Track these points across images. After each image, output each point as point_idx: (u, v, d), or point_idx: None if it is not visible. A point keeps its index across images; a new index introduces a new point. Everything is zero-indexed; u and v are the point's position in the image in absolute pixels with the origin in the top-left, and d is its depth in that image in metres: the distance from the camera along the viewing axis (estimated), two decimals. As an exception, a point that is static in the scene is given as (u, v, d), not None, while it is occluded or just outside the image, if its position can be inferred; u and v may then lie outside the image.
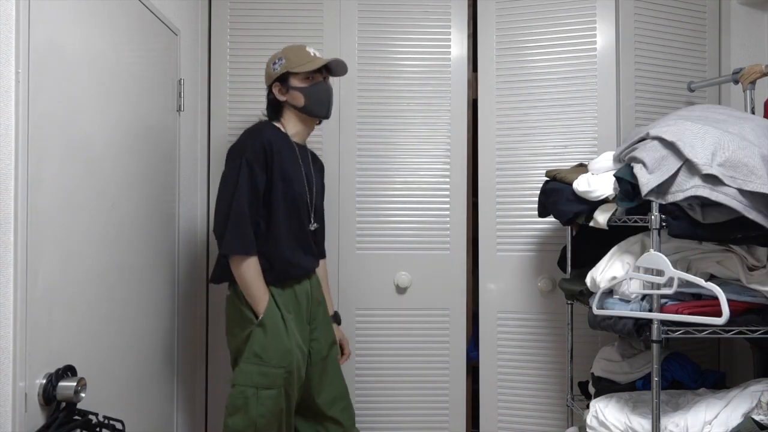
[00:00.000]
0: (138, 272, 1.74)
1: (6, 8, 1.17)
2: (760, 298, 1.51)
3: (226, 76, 2.32)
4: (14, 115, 1.17)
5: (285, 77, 1.86)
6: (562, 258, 2.09)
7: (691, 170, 1.42)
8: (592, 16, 2.26)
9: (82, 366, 1.35)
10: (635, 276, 1.55)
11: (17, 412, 1.17)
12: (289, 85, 1.86)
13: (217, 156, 2.31)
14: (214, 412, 2.29)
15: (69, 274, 1.36)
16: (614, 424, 1.65)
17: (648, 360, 1.83)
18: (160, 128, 1.91)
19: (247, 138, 1.80)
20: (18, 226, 1.18)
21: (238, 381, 1.75)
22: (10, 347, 1.16)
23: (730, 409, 1.53)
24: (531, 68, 2.30)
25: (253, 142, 1.77)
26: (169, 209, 1.99)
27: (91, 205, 1.46)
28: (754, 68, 1.97)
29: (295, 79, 1.86)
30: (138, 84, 1.74)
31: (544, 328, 2.29)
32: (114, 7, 1.58)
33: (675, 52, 2.30)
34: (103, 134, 1.52)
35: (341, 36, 2.33)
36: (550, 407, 2.27)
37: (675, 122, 1.52)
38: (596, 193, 1.71)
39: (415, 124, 2.32)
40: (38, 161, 1.24)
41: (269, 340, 1.74)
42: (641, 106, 2.25)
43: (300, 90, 1.86)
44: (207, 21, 2.32)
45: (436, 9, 2.34)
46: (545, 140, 2.28)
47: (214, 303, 2.31)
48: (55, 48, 1.31)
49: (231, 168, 1.76)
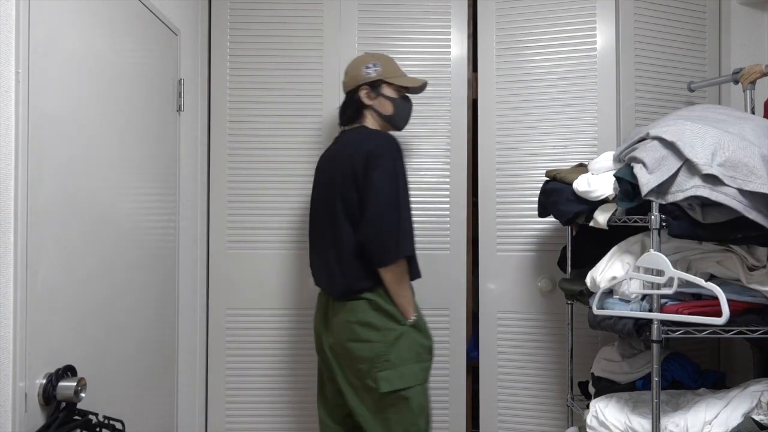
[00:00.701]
0: (138, 272, 1.74)
1: (6, 8, 1.17)
2: (760, 298, 1.51)
3: (226, 76, 2.32)
4: (14, 115, 1.17)
5: (377, 84, 1.91)
6: (562, 258, 2.09)
7: (691, 170, 1.42)
8: (592, 16, 2.26)
9: (82, 366, 1.35)
10: (635, 276, 1.54)
11: (17, 412, 1.17)
12: (380, 92, 1.92)
13: (218, 156, 2.32)
14: (214, 412, 2.30)
15: (69, 274, 1.36)
16: (614, 424, 1.65)
17: (648, 360, 1.83)
18: (160, 128, 1.91)
19: (385, 139, 1.80)
20: (18, 226, 1.18)
21: (410, 383, 1.74)
22: (10, 347, 1.16)
23: (730, 409, 1.53)
24: (531, 68, 2.30)
25: (393, 142, 1.79)
26: (170, 209, 1.99)
27: (91, 205, 1.46)
28: (754, 68, 1.97)
29: (388, 89, 1.93)
30: (138, 84, 1.74)
31: (544, 328, 2.29)
32: (114, 7, 1.58)
33: (675, 52, 2.30)
34: (103, 134, 1.52)
35: (341, 36, 2.33)
36: (550, 407, 2.26)
37: (675, 122, 1.52)
38: (596, 193, 1.71)
39: (414, 124, 2.31)
40: (38, 161, 1.24)
41: (423, 337, 1.81)
42: (641, 106, 2.25)
43: (391, 100, 1.93)
44: (207, 21, 2.32)
45: (436, 9, 2.34)
46: (545, 140, 2.28)
47: (215, 302, 2.31)
48: (55, 48, 1.31)
49: (387, 169, 1.73)
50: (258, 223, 2.32)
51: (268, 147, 2.32)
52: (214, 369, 2.30)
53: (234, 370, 2.30)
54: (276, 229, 2.32)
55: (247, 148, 2.32)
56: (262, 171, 2.32)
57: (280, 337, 2.31)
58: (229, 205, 2.32)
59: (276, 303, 2.32)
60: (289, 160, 2.32)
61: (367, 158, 1.74)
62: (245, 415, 2.30)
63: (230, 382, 2.30)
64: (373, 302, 1.77)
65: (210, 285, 2.32)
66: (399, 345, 1.75)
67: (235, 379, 2.30)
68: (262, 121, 2.32)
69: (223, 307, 2.31)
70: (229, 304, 2.32)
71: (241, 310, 2.32)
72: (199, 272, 2.26)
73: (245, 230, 2.32)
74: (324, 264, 1.87)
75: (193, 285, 2.21)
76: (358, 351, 1.76)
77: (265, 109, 2.32)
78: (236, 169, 2.32)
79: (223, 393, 2.30)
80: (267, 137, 2.32)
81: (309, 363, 2.30)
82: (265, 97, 2.32)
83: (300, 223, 2.31)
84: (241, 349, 2.31)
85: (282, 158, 2.32)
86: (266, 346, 2.31)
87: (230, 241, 2.31)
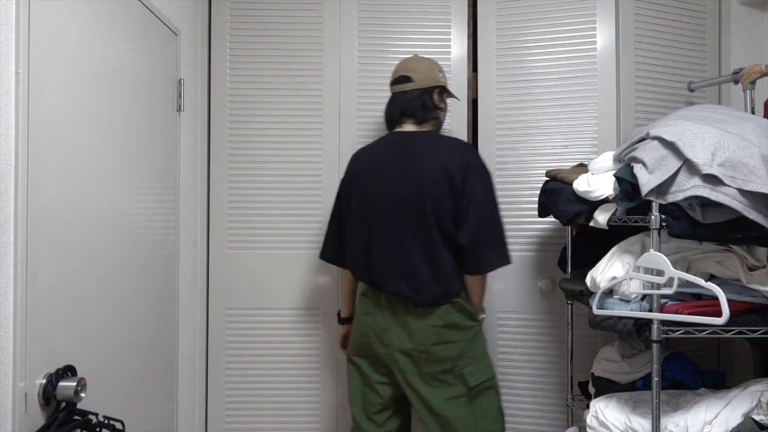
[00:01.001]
0: (138, 272, 1.74)
1: (6, 8, 1.17)
2: (760, 298, 1.51)
3: (226, 76, 2.32)
4: (14, 115, 1.17)
5: (443, 90, 1.99)
6: (562, 258, 2.09)
7: (691, 170, 1.42)
8: (592, 16, 2.26)
9: (82, 366, 1.35)
10: (635, 276, 1.54)
11: (17, 412, 1.17)
12: (443, 98, 1.99)
13: (217, 156, 2.32)
14: (214, 412, 2.30)
15: (69, 274, 1.36)
16: (614, 424, 1.65)
17: (648, 360, 1.83)
18: (160, 128, 1.91)
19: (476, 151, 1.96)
20: (18, 226, 1.18)
21: (492, 373, 1.88)
22: (10, 347, 1.16)
23: (730, 409, 1.53)
24: (531, 68, 2.30)
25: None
26: (170, 209, 1.99)
27: (91, 205, 1.46)
28: (754, 68, 1.97)
29: (447, 96, 2.00)
30: (138, 84, 1.74)
31: (544, 328, 2.29)
32: (114, 7, 1.58)
33: (675, 52, 2.30)
34: (103, 134, 1.52)
35: (341, 36, 2.33)
36: (550, 407, 2.26)
37: (675, 122, 1.52)
38: (596, 193, 1.71)
39: (415, 124, 2.32)
40: (38, 161, 1.24)
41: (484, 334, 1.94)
42: (641, 106, 2.25)
43: (445, 108, 2.02)
44: (207, 21, 2.32)
45: (436, 9, 2.34)
46: (545, 140, 2.28)
47: (215, 302, 2.31)
48: (55, 48, 1.31)
49: (487, 182, 1.85)
50: (258, 223, 2.32)
51: (268, 147, 2.32)
52: (214, 369, 2.30)
53: (234, 370, 2.30)
54: (276, 229, 2.32)
55: (247, 148, 2.32)
56: (262, 171, 2.32)
57: (280, 337, 2.31)
58: (229, 205, 2.32)
59: (276, 303, 2.32)
60: (289, 160, 2.32)
61: (467, 168, 1.81)
62: (245, 415, 2.30)
63: (230, 382, 2.30)
64: (457, 304, 1.83)
65: (210, 285, 2.32)
66: (476, 341, 1.86)
67: (235, 379, 2.30)
68: (262, 121, 2.32)
69: (223, 307, 2.31)
70: (229, 304, 2.32)
71: (241, 310, 2.32)
72: (199, 272, 2.26)
73: (245, 230, 2.32)
74: (407, 270, 1.81)
75: (193, 285, 2.21)
76: (442, 352, 1.80)
77: (265, 109, 2.32)
78: (236, 169, 2.32)
79: (223, 393, 2.30)
80: (267, 137, 2.32)
81: (309, 363, 2.31)
82: (265, 97, 2.32)
83: (300, 223, 2.31)
84: (241, 349, 2.31)
85: (282, 158, 2.32)
86: (266, 346, 2.31)
87: (230, 241, 2.31)
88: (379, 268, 1.84)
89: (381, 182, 1.86)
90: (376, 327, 1.86)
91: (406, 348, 1.82)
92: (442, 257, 1.79)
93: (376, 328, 1.86)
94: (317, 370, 2.31)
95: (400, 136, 1.93)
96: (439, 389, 1.81)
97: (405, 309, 1.83)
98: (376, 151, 1.94)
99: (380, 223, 1.85)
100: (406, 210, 1.81)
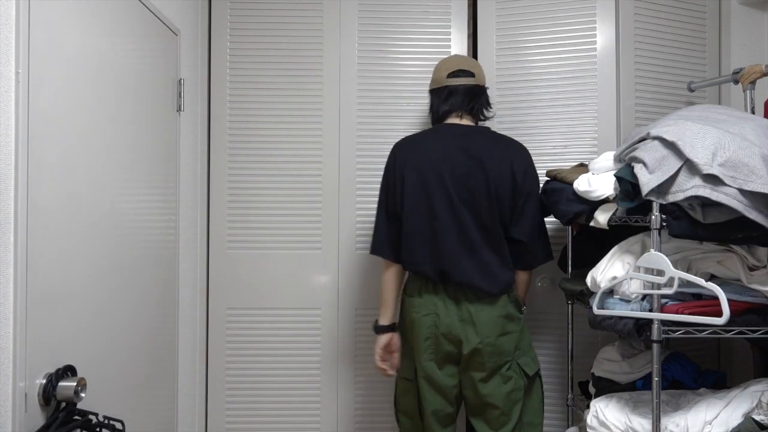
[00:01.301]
0: (138, 272, 1.73)
1: (6, 8, 1.17)
2: (760, 298, 1.51)
3: (226, 76, 2.32)
4: (14, 115, 1.17)
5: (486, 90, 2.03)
6: (563, 258, 2.09)
7: (691, 170, 1.42)
8: (592, 16, 2.26)
9: (82, 366, 1.35)
10: (636, 276, 1.54)
11: (17, 412, 1.17)
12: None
13: (218, 156, 2.31)
14: (214, 412, 2.29)
15: (69, 274, 1.36)
16: (614, 424, 1.65)
17: (648, 360, 1.83)
18: (160, 128, 1.91)
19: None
20: (18, 226, 1.17)
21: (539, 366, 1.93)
22: (10, 347, 1.16)
23: (731, 409, 1.53)
24: (531, 68, 2.30)
25: None
26: (169, 209, 1.99)
27: (91, 205, 1.46)
28: (754, 68, 1.97)
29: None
30: (138, 84, 1.74)
31: (544, 328, 2.29)
32: (114, 7, 1.58)
33: (675, 52, 2.30)
34: (103, 134, 1.52)
35: (341, 36, 2.32)
36: (550, 407, 2.25)
37: (675, 122, 1.52)
38: (597, 193, 1.71)
39: (415, 125, 2.32)
40: (38, 161, 1.24)
41: None
42: (641, 106, 2.25)
43: None
44: (207, 21, 2.32)
45: (436, 9, 2.34)
46: (545, 140, 2.28)
47: (215, 302, 2.31)
48: (55, 48, 1.31)
49: (539, 180, 1.94)
50: (258, 223, 2.32)
51: (268, 147, 2.32)
52: (214, 369, 2.30)
53: (234, 370, 2.30)
54: (276, 229, 2.31)
55: (247, 148, 2.32)
56: (262, 171, 2.32)
57: (280, 337, 2.31)
58: (229, 205, 2.31)
59: (276, 303, 2.32)
60: (289, 160, 2.32)
61: (527, 167, 1.89)
62: (245, 415, 2.30)
63: (230, 382, 2.30)
64: (512, 295, 1.88)
65: (210, 285, 2.31)
66: (525, 332, 1.91)
67: (235, 379, 2.30)
68: (262, 121, 2.32)
69: (223, 307, 2.31)
70: (229, 304, 2.31)
71: (241, 310, 2.32)
72: (199, 272, 2.26)
73: (245, 230, 2.31)
74: (475, 260, 1.81)
75: (193, 285, 2.21)
76: (504, 344, 1.83)
77: (265, 109, 2.32)
78: (236, 169, 2.32)
79: (223, 393, 2.30)
80: (267, 137, 2.32)
81: (309, 363, 2.31)
82: (265, 97, 2.32)
83: (300, 222, 2.31)
84: (241, 349, 2.30)
85: (282, 158, 2.32)
86: (266, 346, 2.31)
87: (230, 241, 2.31)
88: (448, 258, 1.81)
89: (444, 174, 1.83)
90: (441, 325, 1.82)
91: (474, 343, 1.80)
92: (505, 248, 1.86)
93: (442, 326, 1.82)
94: (317, 370, 2.31)
95: (460, 129, 1.92)
96: (501, 384, 1.83)
97: (468, 301, 1.82)
98: (434, 142, 1.89)
99: (446, 215, 1.82)
100: (472, 203, 1.82)
